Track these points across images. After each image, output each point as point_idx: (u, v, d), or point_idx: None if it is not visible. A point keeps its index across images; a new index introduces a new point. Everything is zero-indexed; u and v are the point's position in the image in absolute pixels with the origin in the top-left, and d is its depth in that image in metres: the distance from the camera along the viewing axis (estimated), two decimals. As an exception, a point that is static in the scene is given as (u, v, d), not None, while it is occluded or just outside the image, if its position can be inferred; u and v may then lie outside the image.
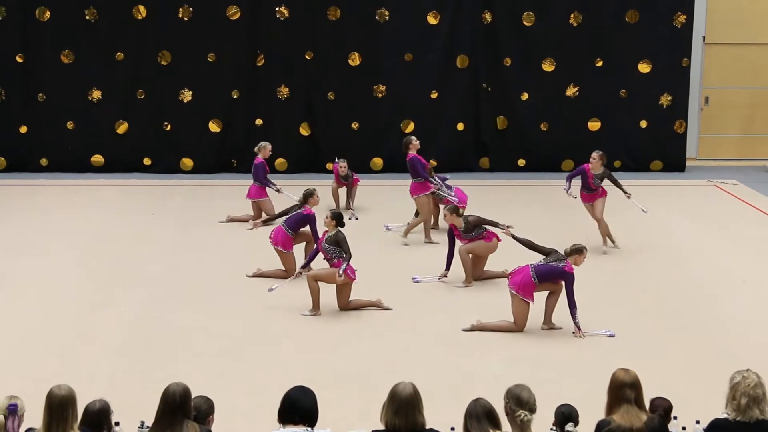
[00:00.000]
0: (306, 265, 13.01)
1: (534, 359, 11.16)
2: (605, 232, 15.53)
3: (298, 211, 14.04)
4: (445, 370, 10.82)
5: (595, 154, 15.65)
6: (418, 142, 16.33)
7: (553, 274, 11.89)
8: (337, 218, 12.58)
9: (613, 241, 15.59)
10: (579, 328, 11.77)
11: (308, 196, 14.15)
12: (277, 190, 16.70)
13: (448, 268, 13.86)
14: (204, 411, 7.52)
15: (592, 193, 15.59)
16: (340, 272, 12.31)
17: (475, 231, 13.58)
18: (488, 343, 11.62)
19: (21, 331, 11.96)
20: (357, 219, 16.02)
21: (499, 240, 13.80)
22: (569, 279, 11.82)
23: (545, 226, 16.31)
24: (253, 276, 13.91)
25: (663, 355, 11.30)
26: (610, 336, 11.77)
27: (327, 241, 12.51)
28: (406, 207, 16.49)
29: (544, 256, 12.12)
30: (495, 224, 13.65)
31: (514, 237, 12.77)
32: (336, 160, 17.67)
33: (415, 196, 15.87)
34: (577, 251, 11.96)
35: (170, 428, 6.24)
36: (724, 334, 12.05)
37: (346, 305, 12.64)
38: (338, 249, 12.43)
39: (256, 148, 17.09)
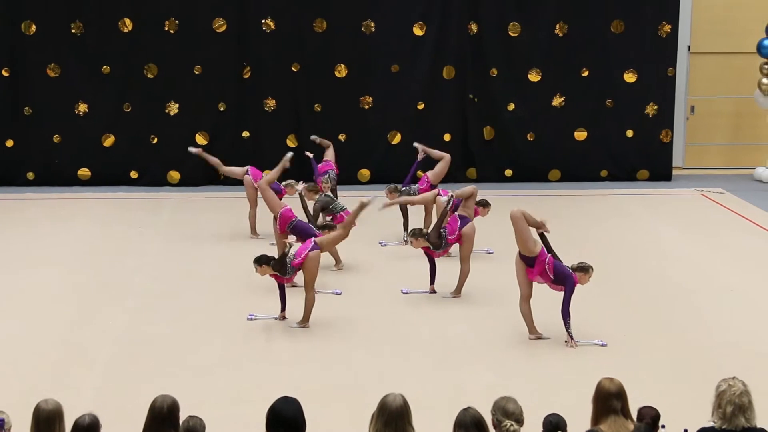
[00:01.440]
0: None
1: (523, 370, 11.18)
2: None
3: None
4: (434, 381, 10.82)
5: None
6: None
7: (562, 275, 11.75)
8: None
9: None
10: (571, 338, 11.76)
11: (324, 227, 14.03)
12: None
13: (432, 282, 13.82)
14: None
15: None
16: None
17: (443, 242, 13.47)
18: (478, 354, 11.61)
19: (8, 346, 11.92)
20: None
21: (476, 215, 14.20)
22: (571, 286, 11.67)
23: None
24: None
25: (650, 363, 11.32)
26: (602, 346, 11.77)
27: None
28: (395, 219, 16.48)
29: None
30: (442, 217, 13.52)
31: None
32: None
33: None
34: (583, 269, 11.80)
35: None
36: (711, 342, 12.08)
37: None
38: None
39: (283, 184, 15.91)
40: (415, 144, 17.48)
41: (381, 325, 12.67)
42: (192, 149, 17.92)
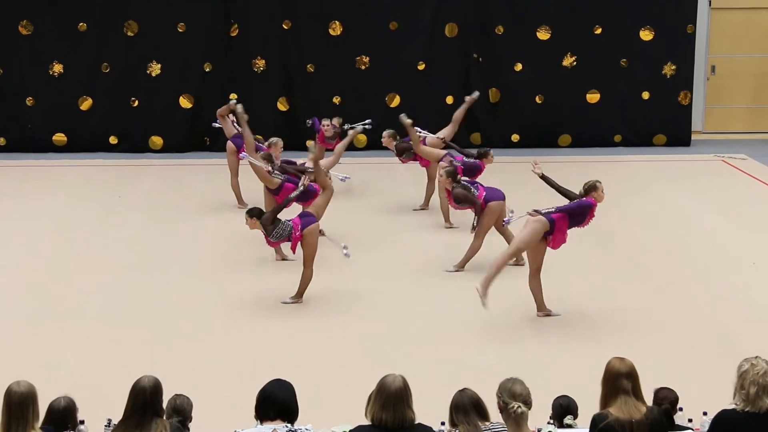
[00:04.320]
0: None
1: (530, 349, 11.19)
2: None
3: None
4: (435, 361, 10.83)
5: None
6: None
7: (581, 211, 11.94)
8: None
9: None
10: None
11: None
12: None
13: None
14: (188, 412, 7.54)
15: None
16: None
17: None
18: (482, 332, 11.61)
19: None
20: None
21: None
22: (591, 207, 11.91)
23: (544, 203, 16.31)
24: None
25: (666, 342, 11.34)
26: None
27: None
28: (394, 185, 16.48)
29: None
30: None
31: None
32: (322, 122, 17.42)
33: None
34: (593, 188, 12.03)
35: (139, 426, 6.23)
36: (732, 319, 12.09)
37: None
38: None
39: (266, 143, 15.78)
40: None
41: (379, 301, 12.67)
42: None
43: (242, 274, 13.42)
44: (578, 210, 11.85)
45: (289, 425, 6.29)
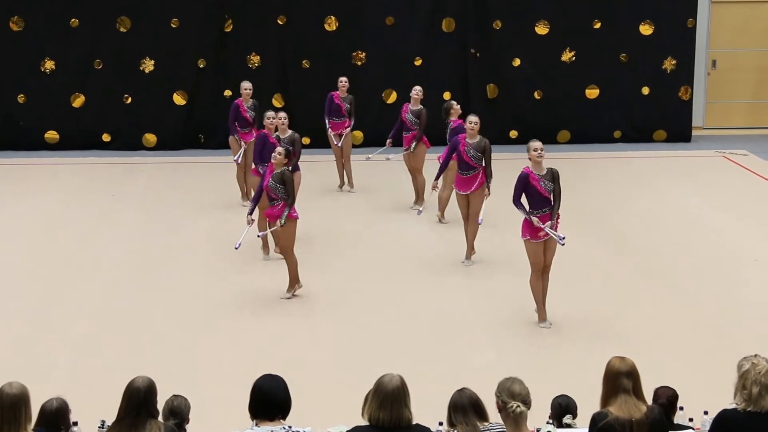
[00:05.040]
0: (251, 211, 12.80)
1: (529, 348, 11.20)
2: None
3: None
4: (432, 360, 10.84)
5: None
6: (458, 106, 16.02)
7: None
8: (288, 155, 12.62)
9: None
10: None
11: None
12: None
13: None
14: (185, 413, 7.54)
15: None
16: (282, 221, 12.29)
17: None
18: (480, 330, 11.61)
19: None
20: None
21: None
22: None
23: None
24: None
25: (666, 340, 11.34)
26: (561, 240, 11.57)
27: (273, 179, 12.49)
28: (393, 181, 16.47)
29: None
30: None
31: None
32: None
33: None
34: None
35: (133, 428, 6.22)
36: (734, 317, 12.10)
37: (284, 251, 12.60)
38: (283, 189, 12.45)
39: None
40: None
41: (377, 301, 12.67)
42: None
43: (238, 274, 13.42)
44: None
45: (286, 426, 6.28)
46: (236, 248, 12.52)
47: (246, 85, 16.83)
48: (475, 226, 13.61)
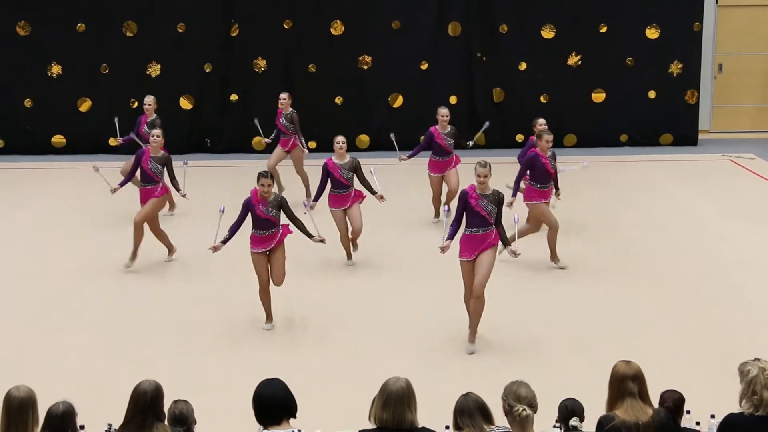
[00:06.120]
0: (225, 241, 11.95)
1: (533, 353, 11.19)
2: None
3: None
4: (439, 365, 10.84)
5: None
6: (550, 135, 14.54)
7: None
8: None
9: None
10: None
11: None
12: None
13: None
14: (191, 417, 7.54)
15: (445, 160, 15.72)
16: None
17: None
18: (485, 337, 11.60)
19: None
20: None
21: None
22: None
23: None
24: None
25: (674, 344, 11.34)
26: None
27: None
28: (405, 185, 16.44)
29: None
30: None
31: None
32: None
33: (528, 202, 14.16)
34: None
35: (138, 429, 6.24)
36: (740, 320, 12.09)
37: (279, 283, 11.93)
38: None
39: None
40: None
41: (383, 307, 12.67)
42: None
43: (243, 276, 13.39)
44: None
45: (296, 429, 6.27)
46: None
47: (282, 95, 17.16)
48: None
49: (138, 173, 14.41)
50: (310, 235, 11.84)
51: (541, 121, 15.50)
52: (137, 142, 16.22)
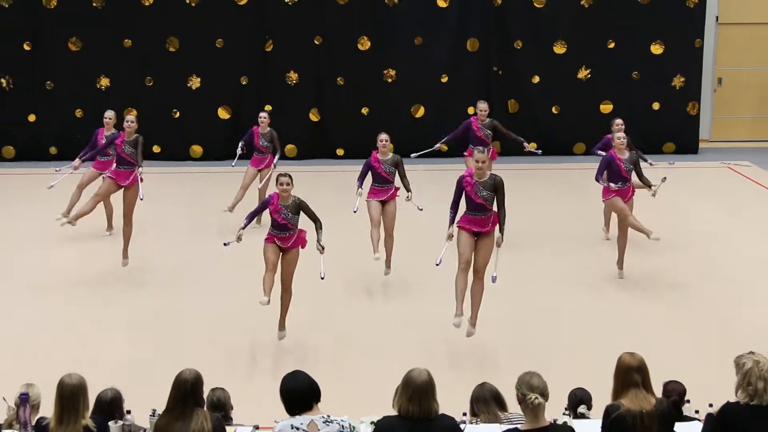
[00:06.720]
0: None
1: (544, 345, 11.18)
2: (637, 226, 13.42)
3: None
4: (457, 357, 10.84)
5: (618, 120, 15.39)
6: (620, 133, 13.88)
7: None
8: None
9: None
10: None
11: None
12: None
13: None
14: (228, 404, 7.58)
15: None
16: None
17: None
18: (496, 330, 11.58)
19: (32, 321, 12.04)
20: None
21: None
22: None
23: (560, 210, 16.31)
24: None
25: (675, 338, 11.32)
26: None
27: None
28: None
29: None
30: None
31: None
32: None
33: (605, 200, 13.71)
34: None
35: (181, 416, 6.26)
36: (735, 317, 12.07)
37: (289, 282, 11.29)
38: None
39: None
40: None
41: (400, 301, 12.67)
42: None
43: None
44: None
45: (325, 415, 6.30)
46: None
47: (262, 114, 16.23)
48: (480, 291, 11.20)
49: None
50: (317, 239, 11.07)
51: (618, 121, 15.18)
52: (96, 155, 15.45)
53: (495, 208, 10.89)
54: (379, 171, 13.37)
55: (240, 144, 16.12)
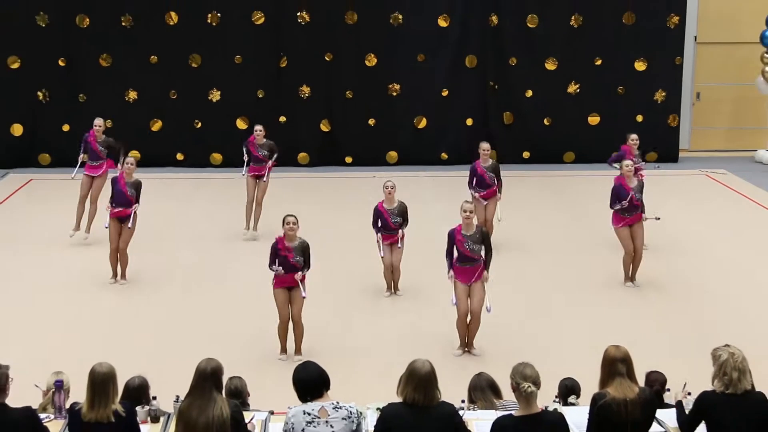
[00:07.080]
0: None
1: (537, 338, 11.20)
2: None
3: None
4: (447, 349, 10.86)
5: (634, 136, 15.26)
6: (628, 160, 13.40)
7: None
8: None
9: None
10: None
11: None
12: None
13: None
14: (245, 391, 7.59)
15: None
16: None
17: None
18: (494, 327, 11.57)
19: (65, 314, 12.07)
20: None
21: None
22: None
23: (551, 215, 16.31)
24: None
25: (656, 334, 11.34)
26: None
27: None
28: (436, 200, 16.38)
29: None
30: None
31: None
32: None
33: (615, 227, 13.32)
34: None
35: (200, 400, 6.28)
36: (712, 313, 12.10)
37: (299, 317, 10.85)
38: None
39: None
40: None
41: (404, 296, 12.66)
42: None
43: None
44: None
45: (334, 402, 6.31)
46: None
47: (258, 127, 15.90)
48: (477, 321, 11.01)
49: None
50: (302, 270, 10.64)
51: (633, 136, 15.28)
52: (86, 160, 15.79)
53: (483, 254, 10.74)
54: (387, 219, 12.65)
55: (244, 150, 16.07)
